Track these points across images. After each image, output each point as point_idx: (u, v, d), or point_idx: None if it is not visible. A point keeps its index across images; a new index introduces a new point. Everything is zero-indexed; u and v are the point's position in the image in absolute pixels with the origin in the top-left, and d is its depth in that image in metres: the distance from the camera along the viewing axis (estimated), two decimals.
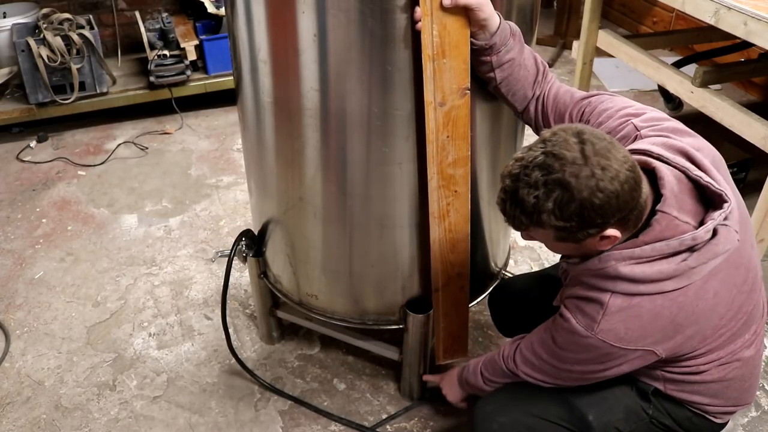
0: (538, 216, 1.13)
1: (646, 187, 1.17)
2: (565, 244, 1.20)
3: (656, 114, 1.35)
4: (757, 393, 2.02)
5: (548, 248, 1.30)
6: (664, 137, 1.28)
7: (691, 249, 1.17)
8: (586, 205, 1.10)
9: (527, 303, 1.75)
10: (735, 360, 1.31)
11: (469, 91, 1.43)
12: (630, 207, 1.13)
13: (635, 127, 1.32)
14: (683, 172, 1.21)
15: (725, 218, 1.18)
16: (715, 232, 1.18)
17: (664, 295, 1.17)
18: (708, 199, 1.22)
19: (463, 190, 1.56)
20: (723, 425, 1.44)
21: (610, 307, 1.20)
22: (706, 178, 1.20)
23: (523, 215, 1.15)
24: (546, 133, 1.17)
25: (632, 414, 1.39)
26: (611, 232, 1.15)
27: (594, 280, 1.23)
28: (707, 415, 1.39)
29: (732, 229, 1.19)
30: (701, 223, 1.18)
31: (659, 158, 1.22)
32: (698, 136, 1.31)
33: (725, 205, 1.18)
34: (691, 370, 1.31)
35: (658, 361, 1.28)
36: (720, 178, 1.22)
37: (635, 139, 1.30)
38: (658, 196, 1.19)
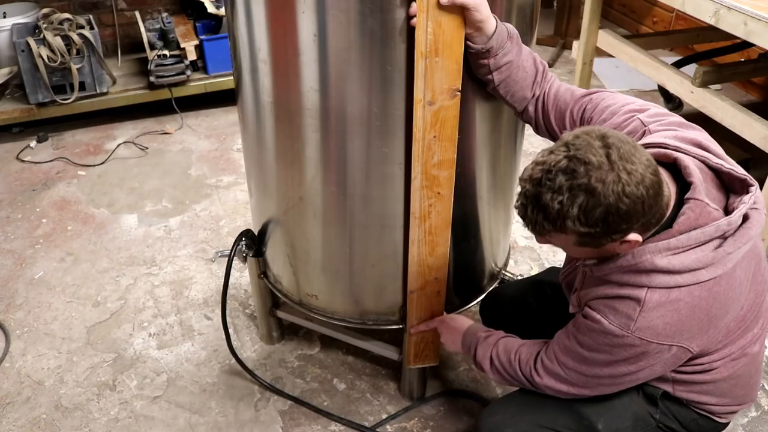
0: (562, 222, 1.10)
1: (667, 189, 1.17)
2: (585, 248, 1.19)
3: (660, 110, 1.36)
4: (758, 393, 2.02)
5: (565, 251, 1.28)
6: (673, 131, 1.28)
7: (725, 235, 1.16)
8: (612, 211, 1.08)
9: (522, 311, 1.75)
10: (743, 356, 1.31)
11: (459, 93, 1.42)
12: (654, 211, 1.12)
13: (642, 122, 1.32)
14: (703, 161, 1.22)
15: (754, 202, 1.19)
16: (746, 217, 1.18)
17: (701, 285, 1.16)
18: (727, 187, 1.23)
19: (447, 193, 1.55)
20: (726, 425, 1.44)
21: (647, 303, 1.17)
22: (727, 165, 1.22)
23: (546, 221, 1.12)
24: (568, 136, 1.13)
25: (640, 420, 1.39)
26: (633, 236, 1.14)
27: (626, 277, 1.20)
28: (713, 416, 1.39)
29: (762, 212, 1.20)
30: (725, 210, 1.19)
31: (677, 150, 1.22)
32: (702, 129, 1.32)
33: (752, 189, 1.19)
34: (703, 368, 1.30)
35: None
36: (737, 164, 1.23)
37: (643, 134, 1.30)
38: (682, 187, 1.19)
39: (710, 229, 1.15)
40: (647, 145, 1.23)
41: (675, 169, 1.22)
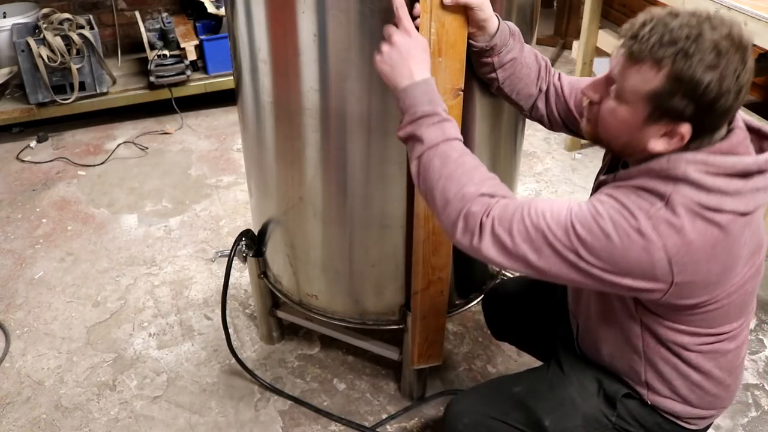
0: (677, 58, 1.06)
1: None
2: (644, 111, 1.12)
3: None
4: (757, 393, 2.02)
5: (602, 113, 1.18)
6: None
7: (758, 173, 1.14)
8: (722, 91, 1.06)
9: (519, 307, 1.75)
10: (717, 350, 1.29)
11: (462, 92, 1.42)
12: (724, 122, 1.12)
13: None
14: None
15: None
16: None
17: (720, 214, 1.12)
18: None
19: None
20: None
21: (673, 200, 1.12)
22: (757, 122, 1.22)
23: (660, 45, 1.07)
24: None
25: (591, 420, 1.37)
26: (685, 128, 1.10)
27: (651, 182, 1.15)
28: (679, 421, 1.36)
29: None
30: None
31: None
32: None
33: None
34: (678, 341, 1.27)
35: (651, 310, 1.23)
36: None
37: None
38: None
39: (749, 160, 1.14)
40: None
41: None
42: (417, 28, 1.32)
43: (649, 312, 1.27)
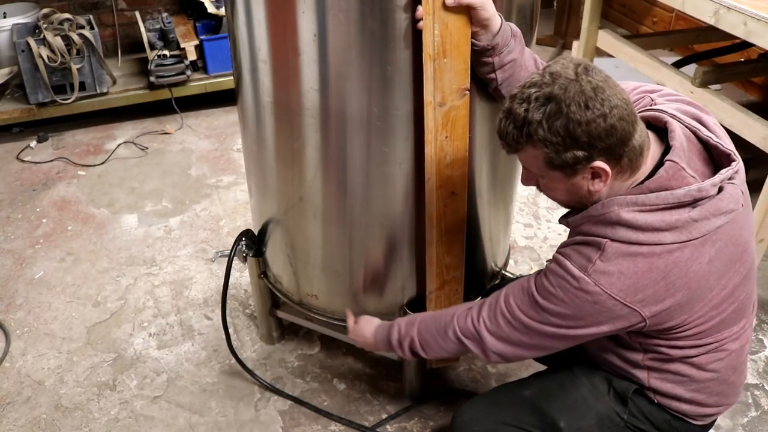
0: (527, 128, 1.14)
1: (643, 131, 1.18)
2: (557, 173, 1.19)
3: (671, 91, 1.37)
4: (757, 393, 2.02)
5: (543, 189, 1.28)
6: (677, 104, 1.30)
7: (696, 202, 1.16)
8: (573, 119, 1.11)
9: None
10: (722, 349, 1.30)
11: (468, 92, 1.43)
12: (620, 137, 1.13)
13: (651, 99, 1.33)
14: (693, 132, 1.24)
15: (731, 177, 1.19)
16: (720, 189, 1.18)
17: (662, 246, 1.16)
18: (716, 164, 1.24)
19: (460, 191, 1.55)
20: (702, 428, 1.41)
21: (607, 249, 1.18)
22: (716, 139, 1.23)
23: (515, 129, 1.17)
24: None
25: (605, 419, 1.38)
26: (600, 164, 1.15)
27: (594, 228, 1.22)
28: (687, 418, 1.37)
29: (738, 188, 1.20)
30: None
31: (672, 117, 1.24)
32: (710, 113, 1.32)
33: (733, 164, 1.20)
34: (681, 353, 1.29)
35: (643, 332, 1.26)
36: (729, 141, 1.25)
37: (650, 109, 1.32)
38: (667, 150, 1.20)
39: (680, 192, 1.15)
40: (647, 110, 1.27)
41: (665, 134, 1.23)
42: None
43: (645, 337, 1.30)
